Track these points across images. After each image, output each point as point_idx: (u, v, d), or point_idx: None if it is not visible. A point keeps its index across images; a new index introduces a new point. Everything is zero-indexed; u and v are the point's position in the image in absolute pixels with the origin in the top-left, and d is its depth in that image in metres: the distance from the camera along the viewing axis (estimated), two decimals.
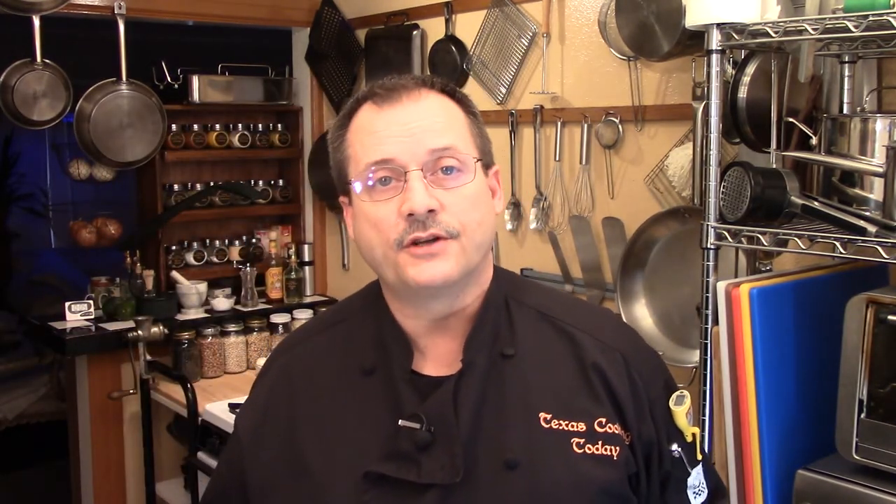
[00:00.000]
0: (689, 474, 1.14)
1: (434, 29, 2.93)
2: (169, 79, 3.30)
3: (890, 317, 1.34)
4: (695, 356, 1.79)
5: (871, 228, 1.31)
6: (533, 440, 1.06)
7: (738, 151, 1.95)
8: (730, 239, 1.47)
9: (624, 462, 1.07)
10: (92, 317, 3.08)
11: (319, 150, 3.47)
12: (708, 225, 1.49)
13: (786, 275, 1.56)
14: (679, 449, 1.13)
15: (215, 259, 3.44)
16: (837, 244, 1.34)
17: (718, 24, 1.44)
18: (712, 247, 1.49)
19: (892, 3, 1.29)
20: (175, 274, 3.25)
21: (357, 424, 1.10)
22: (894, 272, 1.68)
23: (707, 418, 1.51)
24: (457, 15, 2.86)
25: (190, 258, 3.39)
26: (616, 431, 1.08)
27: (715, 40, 1.46)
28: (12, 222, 6.08)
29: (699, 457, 1.16)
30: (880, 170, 1.38)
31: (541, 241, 2.62)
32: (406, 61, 2.99)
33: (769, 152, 1.65)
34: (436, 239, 1.04)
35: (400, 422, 1.06)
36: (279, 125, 3.62)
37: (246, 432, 1.19)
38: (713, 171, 1.48)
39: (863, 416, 1.38)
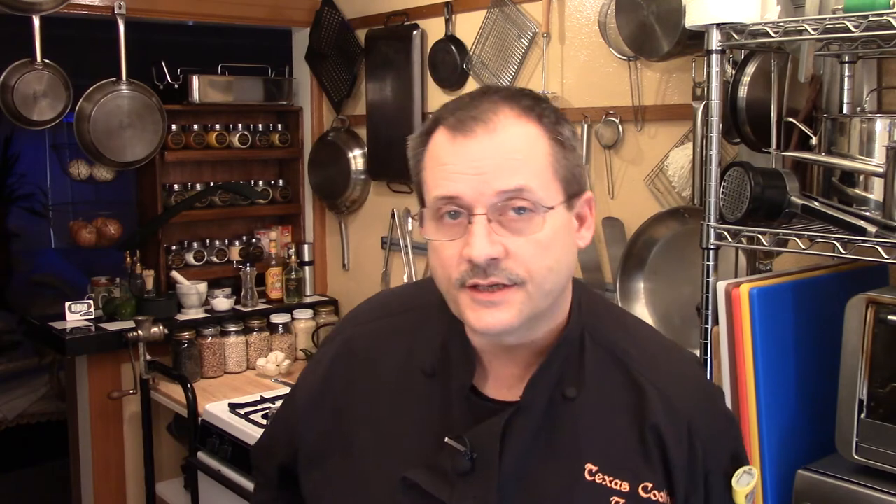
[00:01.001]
0: None
1: (434, 29, 2.93)
2: (169, 79, 3.30)
3: (890, 317, 1.34)
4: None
5: (871, 228, 1.31)
6: (574, 491, 1.02)
7: (738, 151, 1.95)
8: (730, 239, 1.47)
9: None
10: (92, 317, 3.08)
11: (319, 150, 3.47)
12: (708, 225, 1.49)
13: (786, 275, 1.56)
14: None
15: (215, 259, 3.44)
16: (837, 244, 1.34)
17: (718, 24, 1.44)
18: (712, 247, 1.49)
19: (892, 3, 1.29)
20: (175, 274, 3.25)
21: (407, 425, 1.09)
22: (894, 272, 1.68)
23: None
24: (457, 15, 2.85)
25: (190, 258, 3.38)
26: (661, 500, 1.03)
27: (715, 40, 1.46)
28: (12, 222, 6.08)
29: None
30: (880, 170, 1.38)
31: None
32: (406, 61, 2.99)
33: (769, 152, 1.65)
34: (496, 286, 0.98)
35: (446, 439, 1.03)
36: (279, 125, 3.62)
37: (303, 396, 1.20)
38: (713, 171, 1.48)
39: (863, 416, 1.38)
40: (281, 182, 3.62)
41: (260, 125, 3.52)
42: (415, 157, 1.09)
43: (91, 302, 3.11)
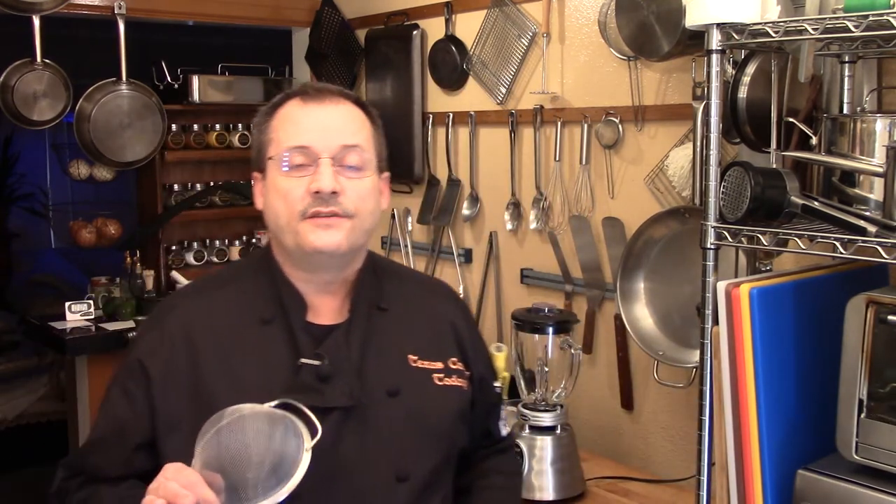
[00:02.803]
0: (501, 408, 1.55)
1: (434, 29, 2.93)
2: (169, 79, 3.30)
3: (890, 317, 1.34)
4: (695, 356, 1.79)
5: (871, 228, 1.31)
6: (406, 375, 1.36)
7: (738, 151, 1.95)
8: (730, 239, 1.47)
9: (469, 391, 1.43)
10: (92, 317, 3.08)
11: None
12: (708, 225, 1.49)
13: (786, 275, 1.56)
14: (499, 386, 1.54)
15: (215, 259, 3.45)
16: (837, 244, 1.34)
17: (718, 24, 1.44)
18: (712, 247, 1.49)
19: (892, 3, 1.29)
20: (175, 274, 3.25)
21: (259, 365, 1.30)
22: (894, 272, 1.68)
23: (707, 418, 1.50)
24: (457, 15, 2.86)
25: (190, 258, 3.39)
26: (462, 368, 1.42)
27: (715, 40, 1.45)
28: (12, 222, 6.08)
29: (505, 398, 1.57)
30: (880, 170, 1.37)
31: (541, 241, 2.62)
32: (406, 61, 2.99)
33: (769, 152, 1.65)
34: (333, 215, 1.28)
35: (301, 360, 1.28)
36: None
37: (156, 368, 1.30)
38: (713, 171, 1.48)
39: (863, 416, 1.38)
40: None
41: None
42: (261, 123, 1.37)
43: (91, 302, 3.11)
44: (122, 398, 1.33)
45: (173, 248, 3.36)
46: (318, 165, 1.27)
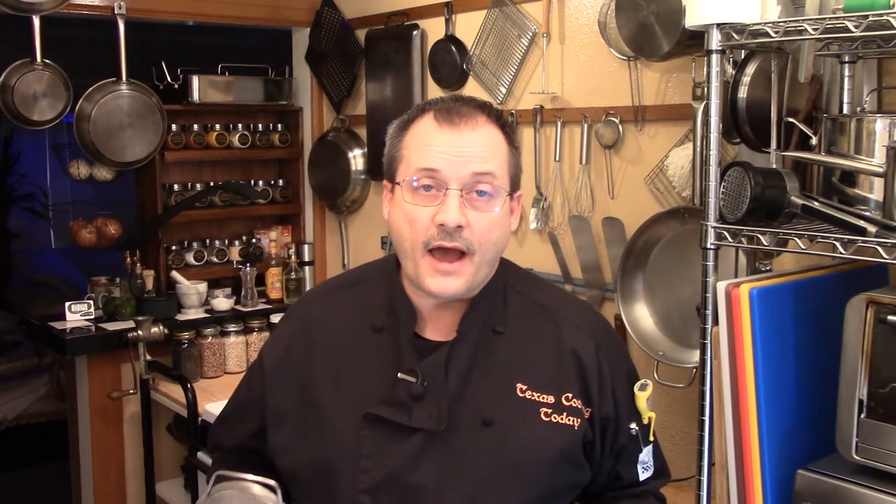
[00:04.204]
0: (641, 451, 1.39)
1: (434, 29, 2.93)
2: (169, 79, 3.30)
3: (890, 317, 1.34)
4: (695, 356, 1.79)
5: (871, 228, 1.31)
6: (509, 405, 1.28)
7: (738, 151, 1.95)
8: (730, 239, 1.47)
9: (582, 432, 1.30)
10: (92, 317, 3.08)
11: (319, 150, 3.47)
12: (708, 225, 1.49)
13: (786, 275, 1.56)
14: (637, 428, 1.37)
15: (215, 259, 3.44)
16: (837, 244, 1.34)
17: (718, 24, 1.44)
18: (712, 247, 1.49)
19: (892, 3, 1.29)
20: (175, 274, 3.25)
21: (363, 372, 1.30)
22: (894, 272, 1.68)
23: (707, 418, 1.50)
24: (457, 15, 2.86)
25: (190, 258, 3.38)
26: (579, 406, 1.30)
27: (715, 40, 1.45)
28: (12, 222, 6.08)
29: (651, 438, 1.41)
30: (880, 170, 1.38)
31: (541, 241, 2.62)
32: (406, 61, 2.99)
33: (769, 152, 1.65)
34: (457, 253, 1.24)
35: (399, 375, 1.26)
36: (279, 125, 3.62)
37: (269, 362, 1.39)
38: (713, 171, 1.48)
39: (863, 416, 1.38)
40: (281, 182, 3.62)
41: (260, 125, 3.53)
42: (395, 136, 1.32)
43: (91, 302, 3.11)
44: (245, 384, 1.46)
45: (173, 248, 3.36)
46: (445, 195, 1.23)
